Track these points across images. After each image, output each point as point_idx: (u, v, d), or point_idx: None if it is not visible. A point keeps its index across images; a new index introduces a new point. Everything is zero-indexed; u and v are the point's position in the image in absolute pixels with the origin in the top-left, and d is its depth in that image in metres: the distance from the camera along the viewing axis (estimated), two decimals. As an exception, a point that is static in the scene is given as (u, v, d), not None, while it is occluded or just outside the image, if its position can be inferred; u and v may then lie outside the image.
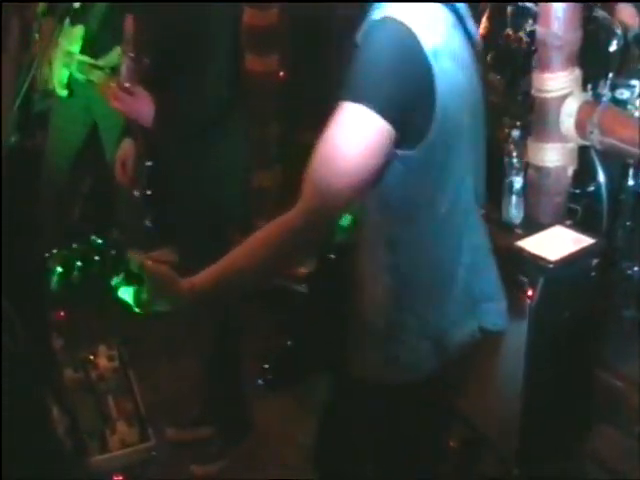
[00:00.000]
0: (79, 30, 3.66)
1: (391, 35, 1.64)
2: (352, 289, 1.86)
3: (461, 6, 1.84)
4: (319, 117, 1.65)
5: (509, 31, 3.52)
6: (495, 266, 1.98)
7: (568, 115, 3.13)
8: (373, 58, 1.63)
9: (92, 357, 2.83)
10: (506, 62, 3.51)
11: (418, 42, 1.63)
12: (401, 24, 1.63)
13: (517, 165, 3.16)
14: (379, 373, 1.88)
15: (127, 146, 3.00)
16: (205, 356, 3.29)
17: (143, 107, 2.73)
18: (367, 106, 1.61)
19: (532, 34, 3.29)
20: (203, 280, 1.72)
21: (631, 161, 3.20)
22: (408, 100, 1.63)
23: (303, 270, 1.87)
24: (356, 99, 1.62)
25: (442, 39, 1.68)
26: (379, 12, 1.70)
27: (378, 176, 1.68)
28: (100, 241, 1.62)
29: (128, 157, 2.99)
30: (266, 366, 1.94)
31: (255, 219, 4.07)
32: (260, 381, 1.95)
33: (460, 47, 1.77)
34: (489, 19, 3.56)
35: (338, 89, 1.66)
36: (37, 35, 3.68)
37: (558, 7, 3.01)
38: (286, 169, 4.25)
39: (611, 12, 3.35)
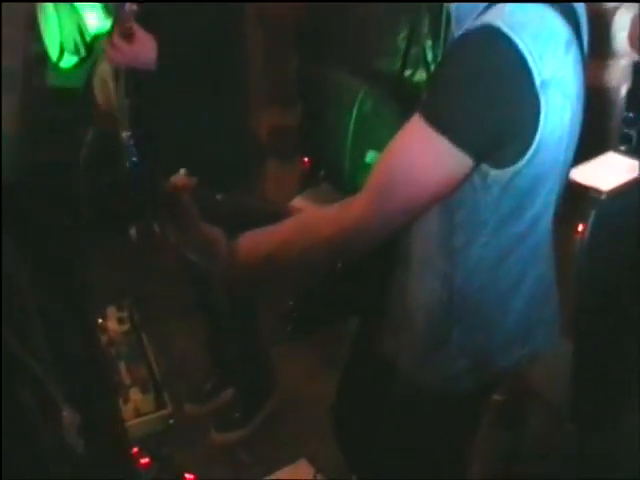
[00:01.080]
0: None
1: (494, 54, 1.48)
2: (401, 286, 1.85)
3: (581, 14, 1.66)
4: (343, 49, 1.50)
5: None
6: (556, 293, 1.94)
7: (621, 29, 2.88)
8: (468, 81, 1.50)
9: (100, 320, 2.77)
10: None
11: (527, 66, 1.47)
12: (508, 40, 1.46)
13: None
14: (413, 373, 1.89)
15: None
16: (220, 310, 3.21)
17: (145, 51, 2.67)
18: (452, 140, 1.52)
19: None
20: (246, 251, 1.71)
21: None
22: (503, 136, 1.52)
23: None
24: (441, 128, 1.52)
25: (555, 65, 1.52)
26: (478, 13, 1.55)
27: (447, 196, 1.64)
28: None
29: None
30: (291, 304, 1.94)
31: (275, 162, 4.02)
32: (288, 327, 1.96)
33: (571, 74, 1.60)
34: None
35: (365, 21, 1.53)
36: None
37: None
38: (308, 106, 4.06)
39: None
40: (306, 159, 4.01)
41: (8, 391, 1.10)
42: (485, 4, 1.55)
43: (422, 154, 1.55)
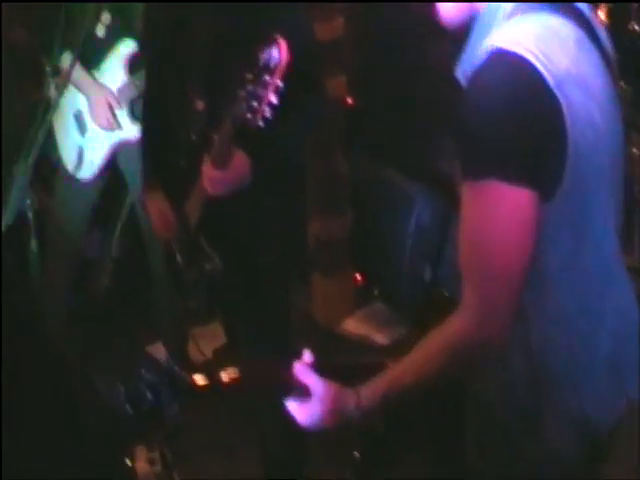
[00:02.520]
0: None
1: (508, 79, 1.57)
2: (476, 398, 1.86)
3: (589, 14, 1.72)
4: (397, 150, 1.46)
5: (635, 26, 3.20)
6: None
7: None
8: (491, 114, 1.57)
9: (129, 461, 2.73)
10: (632, 65, 3.25)
11: (540, 77, 1.56)
12: (517, 58, 1.56)
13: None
14: (501, 471, 1.84)
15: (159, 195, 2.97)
16: (266, 450, 3.14)
17: (243, 173, 2.67)
18: (505, 179, 1.56)
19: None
20: (370, 396, 1.77)
21: None
22: (539, 151, 1.58)
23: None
24: (487, 175, 1.57)
25: (567, 65, 1.60)
26: (484, 37, 1.65)
27: (534, 245, 1.65)
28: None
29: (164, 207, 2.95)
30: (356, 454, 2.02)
31: (320, 278, 3.91)
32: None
33: (591, 71, 1.68)
34: (607, 13, 3.22)
35: (421, 117, 1.53)
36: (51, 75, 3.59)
37: None
38: (360, 215, 4.02)
39: None
40: (358, 275, 3.95)
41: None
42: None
43: (491, 215, 1.59)
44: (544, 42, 1.59)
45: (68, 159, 3.70)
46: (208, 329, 3.36)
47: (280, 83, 2.39)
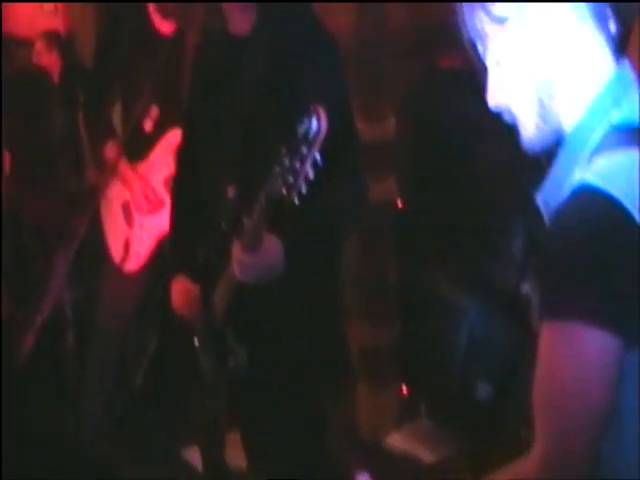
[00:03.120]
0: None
1: (597, 219, 1.54)
2: None
3: None
4: (449, 257, 1.44)
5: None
6: None
7: None
8: (578, 254, 1.54)
9: None
10: None
11: (631, 219, 1.53)
12: (607, 197, 1.53)
13: None
14: None
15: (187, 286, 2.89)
16: None
17: (275, 259, 2.59)
18: (594, 324, 1.53)
19: None
20: None
21: None
22: (626, 296, 1.53)
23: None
24: (567, 314, 1.54)
25: None
26: (570, 170, 1.62)
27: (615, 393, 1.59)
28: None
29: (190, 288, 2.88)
30: None
31: (364, 388, 3.81)
32: None
33: None
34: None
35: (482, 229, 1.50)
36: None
37: None
38: (408, 324, 3.89)
39: None
40: (404, 387, 3.87)
41: None
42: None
43: (570, 358, 1.56)
44: (635, 182, 1.55)
45: (115, 250, 3.70)
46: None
47: (318, 156, 2.33)
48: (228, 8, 2.74)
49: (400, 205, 4.07)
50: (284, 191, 2.33)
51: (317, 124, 2.27)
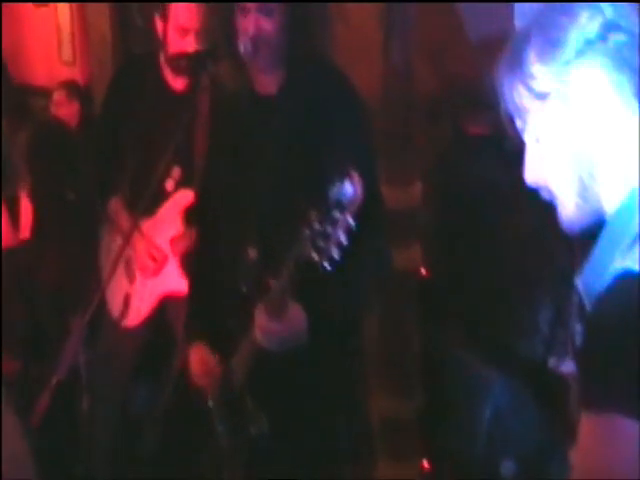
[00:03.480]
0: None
1: None
2: None
3: None
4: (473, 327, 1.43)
5: None
6: None
7: None
8: (623, 343, 1.51)
9: None
10: None
11: None
12: None
13: None
14: None
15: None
16: None
17: (299, 328, 2.61)
18: (627, 415, 1.50)
19: None
20: None
21: None
22: None
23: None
24: (609, 406, 1.51)
25: None
26: (612, 254, 1.60)
27: None
28: None
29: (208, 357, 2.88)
30: None
31: (384, 461, 3.78)
32: None
33: None
34: None
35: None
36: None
37: None
38: (431, 396, 3.93)
39: None
40: (426, 462, 3.82)
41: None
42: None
43: (611, 450, 1.53)
44: None
45: (114, 305, 3.69)
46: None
47: (352, 221, 2.31)
48: (254, 67, 2.74)
49: (424, 273, 4.05)
50: (315, 256, 2.32)
51: (351, 188, 2.27)
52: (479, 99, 3.87)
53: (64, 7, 7.00)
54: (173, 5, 3.44)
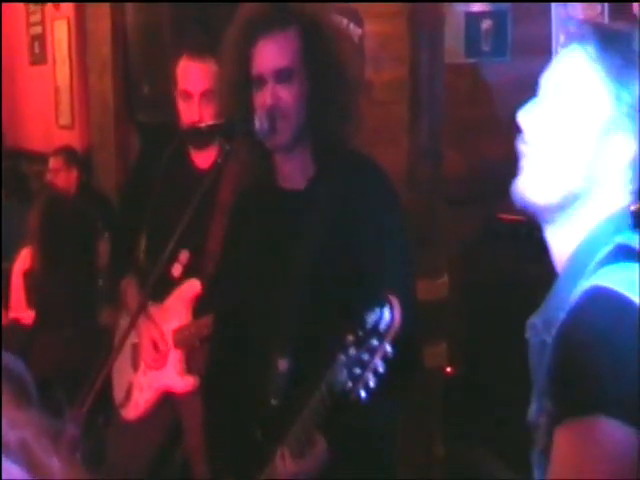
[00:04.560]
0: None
1: (612, 316, 1.68)
2: None
3: None
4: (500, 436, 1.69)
5: None
6: None
7: None
8: (599, 351, 1.67)
9: None
10: None
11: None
12: (620, 297, 1.69)
13: None
14: None
15: None
16: None
17: (321, 462, 2.54)
18: (605, 415, 1.63)
19: None
20: None
21: None
22: None
23: None
24: (587, 410, 1.65)
25: None
26: (576, 281, 1.78)
27: None
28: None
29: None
30: None
31: None
32: None
33: None
34: None
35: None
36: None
37: None
38: None
39: None
40: None
41: None
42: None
43: (589, 453, 1.65)
44: None
45: (118, 390, 3.66)
46: None
47: (390, 349, 2.27)
48: (273, 147, 2.66)
49: (450, 372, 4.01)
50: (350, 383, 2.28)
51: (390, 315, 2.22)
52: (511, 184, 3.86)
53: (63, 66, 7.05)
54: (179, 68, 3.41)
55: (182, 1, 5.73)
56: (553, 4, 4.51)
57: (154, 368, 3.56)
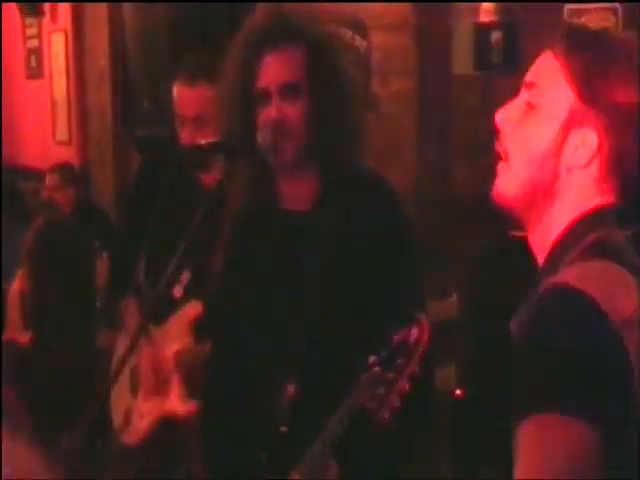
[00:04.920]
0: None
1: (572, 312, 1.69)
2: None
3: None
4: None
5: None
6: None
7: None
8: (554, 348, 1.68)
9: None
10: None
11: (605, 317, 1.67)
12: (581, 294, 1.69)
13: None
14: None
15: None
16: None
17: None
18: (561, 412, 1.64)
19: None
20: None
21: None
22: (602, 391, 1.67)
23: None
24: (546, 406, 1.65)
25: (632, 311, 1.71)
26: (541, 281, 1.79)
27: None
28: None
29: None
30: None
31: None
32: None
33: None
34: None
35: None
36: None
37: None
38: None
39: None
40: None
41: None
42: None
43: (550, 449, 1.65)
44: (608, 285, 1.72)
45: (116, 415, 3.64)
46: None
47: (417, 368, 2.25)
48: (277, 166, 2.60)
49: (459, 395, 4.00)
50: (373, 404, 2.26)
51: (419, 333, 2.20)
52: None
53: (60, 80, 7.06)
54: (174, 92, 3.41)
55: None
56: (566, 14, 4.50)
57: (155, 394, 3.54)
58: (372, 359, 2.23)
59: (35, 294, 4.04)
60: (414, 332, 2.21)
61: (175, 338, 3.54)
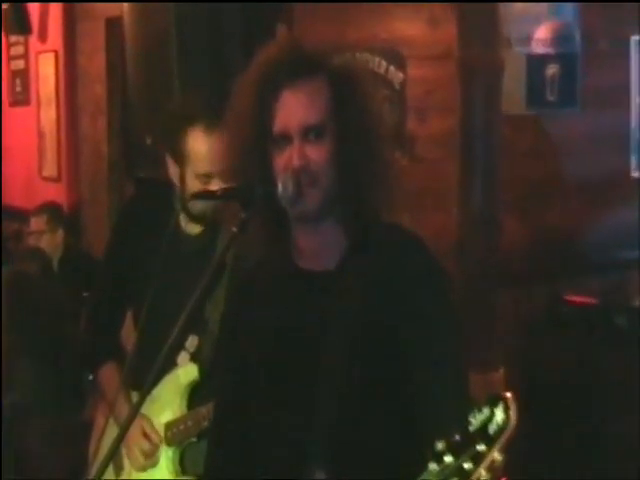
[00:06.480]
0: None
1: None
2: None
3: None
4: None
5: None
6: None
7: None
8: None
9: None
10: None
11: None
12: None
13: None
14: None
15: None
16: None
17: None
18: None
19: None
20: None
21: None
22: None
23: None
24: None
25: None
26: None
27: None
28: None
29: None
30: None
31: None
32: None
33: None
34: None
35: None
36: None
37: None
38: None
39: None
40: None
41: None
42: None
43: None
44: None
45: None
46: None
47: (499, 457, 2.18)
48: (302, 235, 2.58)
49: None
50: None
51: (504, 416, 2.14)
52: (581, 258, 3.84)
53: (49, 108, 7.10)
54: (192, 148, 3.39)
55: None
56: (633, 50, 4.48)
57: (142, 470, 3.54)
58: (440, 445, 2.18)
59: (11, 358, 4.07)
60: (499, 415, 2.16)
61: (165, 407, 3.54)
